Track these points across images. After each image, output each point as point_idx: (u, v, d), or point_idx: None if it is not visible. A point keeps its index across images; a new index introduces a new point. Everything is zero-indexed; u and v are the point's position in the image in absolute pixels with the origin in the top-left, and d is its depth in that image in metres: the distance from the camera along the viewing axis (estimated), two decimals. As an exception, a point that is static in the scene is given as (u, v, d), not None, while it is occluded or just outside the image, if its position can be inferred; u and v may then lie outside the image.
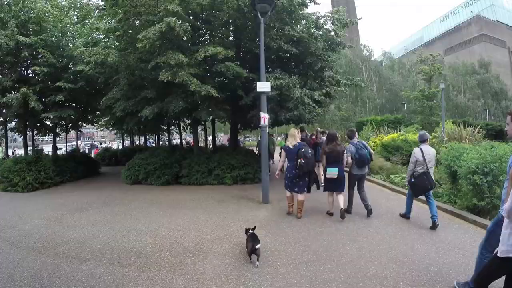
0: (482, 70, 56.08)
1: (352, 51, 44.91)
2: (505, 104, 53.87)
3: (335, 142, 7.64)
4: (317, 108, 11.71)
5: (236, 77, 11.12)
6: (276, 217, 7.87)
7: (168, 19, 9.23)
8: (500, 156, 7.10)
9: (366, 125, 23.51)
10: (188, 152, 15.01)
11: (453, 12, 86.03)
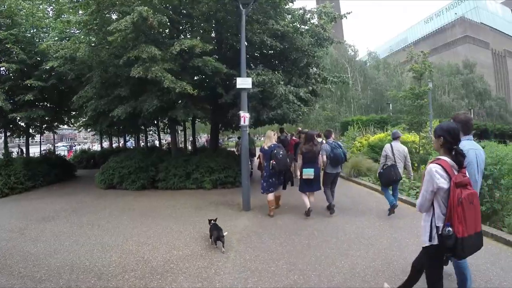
0: (466, 71, 56.55)
1: (338, 50, 44.92)
2: (489, 104, 54.85)
3: (312, 143, 7.73)
4: (303, 107, 11.04)
5: (215, 73, 10.36)
6: (257, 226, 7.13)
7: (140, 8, 8.40)
8: (501, 158, 6.66)
9: (352, 125, 23.13)
10: (166, 154, 14.15)
11: (437, 14, 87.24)
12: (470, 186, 2.99)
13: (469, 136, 3.94)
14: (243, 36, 8.68)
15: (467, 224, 2.84)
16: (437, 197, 3.05)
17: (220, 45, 12.14)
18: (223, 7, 10.24)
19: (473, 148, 3.84)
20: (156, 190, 11.85)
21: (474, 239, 2.92)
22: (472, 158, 3.74)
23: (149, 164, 12.48)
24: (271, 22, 10.70)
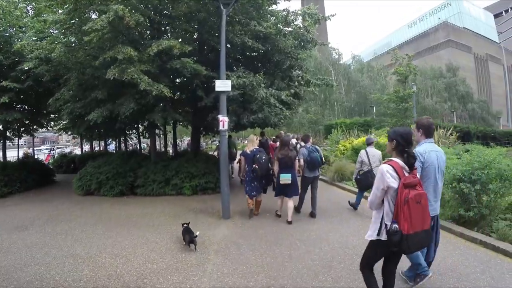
0: (449, 74, 57.27)
1: (322, 53, 44.90)
2: (471, 107, 55.49)
3: (288, 148, 7.85)
4: (285, 110, 10.78)
5: (195, 76, 9.98)
6: (237, 236, 6.80)
7: (116, 6, 7.98)
8: (489, 162, 6.47)
9: (335, 128, 23.05)
10: (145, 159, 13.69)
11: (421, 18, 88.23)
12: (420, 187, 3.19)
13: (431, 139, 4.25)
14: (223, 37, 8.40)
15: (412, 222, 3.04)
16: (387, 196, 3.24)
17: (202, 47, 11.80)
18: (204, 7, 9.92)
19: (434, 150, 4.13)
20: (135, 196, 11.44)
21: (421, 236, 3.13)
22: (433, 159, 4.06)
23: (128, 169, 12.03)
24: (253, 23, 10.44)
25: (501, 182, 6.34)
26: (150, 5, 10.18)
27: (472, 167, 6.50)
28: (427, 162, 4.02)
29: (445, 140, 18.55)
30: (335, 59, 48.12)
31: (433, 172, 4.06)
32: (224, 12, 8.32)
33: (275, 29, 10.87)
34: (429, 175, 4.04)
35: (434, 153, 4.10)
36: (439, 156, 4.14)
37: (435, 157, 4.08)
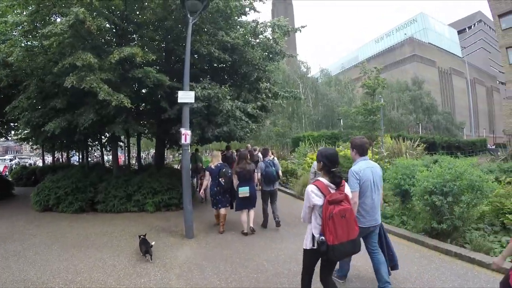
0: (414, 87, 58.89)
1: (290, 66, 45.10)
2: (436, 118, 57.25)
3: (246, 161, 8.09)
4: (251, 124, 10.47)
5: (158, 86, 9.57)
6: (200, 258, 6.39)
7: (76, 9, 7.51)
8: (460, 174, 6.46)
9: (303, 141, 23.05)
10: (107, 173, 12.99)
11: (387, 34, 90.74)
12: (346, 203, 3.50)
13: (365, 157, 4.61)
14: (188, 46, 8.10)
15: (337, 234, 3.38)
16: (314, 212, 3.61)
17: (169, 56, 11.44)
18: (170, 15, 9.61)
19: (369, 167, 4.51)
20: (95, 213, 10.81)
21: (346, 246, 3.46)
22: (368, 175, 4.43)
23: (88, 184, 11.38)
24: (220, 33, 10.17)
25: (473, 193, 6.33)
26: (117, 10, 9.80)
27: (443, 179, 6.48)
28: (363, 178, 4.38)
29: (413, 151, 18.73)
30: (303, 72, 48.46)
31: (369, 187, 4.45)
32: (190, 20, 8.00)
33: (243, 40, 10.62)
34: (366, 190, 4.42)
35: (369, 169, 4.47)
36: (374, 172, 4.53)
37: (370, 173, 4.46)
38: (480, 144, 48.34)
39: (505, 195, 7.15)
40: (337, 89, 51.44)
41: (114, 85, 8.82)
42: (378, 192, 4.61)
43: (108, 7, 9.49)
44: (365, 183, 4.40)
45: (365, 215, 4.48)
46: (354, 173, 4.40)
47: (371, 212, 4.51)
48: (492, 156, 17.99)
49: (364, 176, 4.39)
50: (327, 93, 47.07)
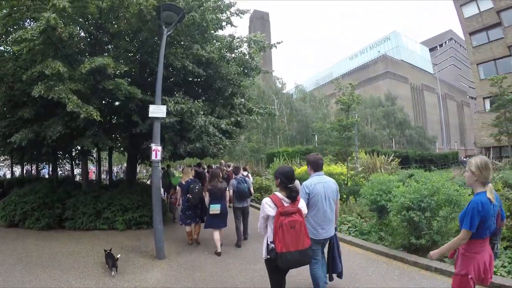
0: (387, 103, 60.45)
1: (265, 82, 45.26)
2: (409, 133, 59.17)
3: (217, 179, 8.18)
4: (224, 140, 10.27)
5: (130, 99, 9.24)
6: (171, 281, 6.08)
7: (48, 14, 7.14)
8: (437, 189, 6.51)
9: (278, 156, 23.02)
10: (76, 188, 12.37)
11: (361, 51, 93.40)
12: (298, 215, 3.82)
13: (319, 172, 4.94)
14: (161, 58, 7.92)
15: (286, 243, 3.68)
16: (269, 222, 3.92)
17: (143, 69, 11.13)
18: (145, 26, 9.33)
19: (321, 182, 4.80)
20: (63, 230, 10.32)
21: (294, 255, 3.72)
22: (319, 190, 4.72)
23: (56, 199, 10.88)
24: (196, 46, 9.96)
25: (451, 207, 6.35)
26: (92, 19, 9.50)
27: (420, 195, 6.49)
28: (313, 193, 4.69)
29: (387, 166, 18.88)
30: (278, 88, 48.86)
31: (320, 201, 4.70)
32: (165, 32, 7.85)
33: (218, 54, 10.47)
34: (317, 203, 4.69)
35: (321, 184, 4.77)
36: (326, 187, 4.79)
37: (321, 187, 4.74)
38: (452, 156, 49.94)
39: None
40: (312, 105, 52.11)
41: (84, 97, 8.46)
42: (331, 206, 4.82)
43: (84, 15, 9.17)
44: (315, 197, 4.69)
45: (317, 228, 4.71)
46: (305, 187, 4.77)
47: (323, 225, 4.73)
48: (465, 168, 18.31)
49: (314, 190, 4.70)
50: (302, 109, 47.44)
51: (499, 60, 29.49)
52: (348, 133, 12.76)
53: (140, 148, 10.61)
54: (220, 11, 10.61)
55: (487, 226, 3.19)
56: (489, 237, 3.30)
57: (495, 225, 3.30)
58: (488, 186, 3.24)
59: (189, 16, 9.03)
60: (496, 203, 3.27)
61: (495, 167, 15.45)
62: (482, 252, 3.26)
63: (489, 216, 3.16)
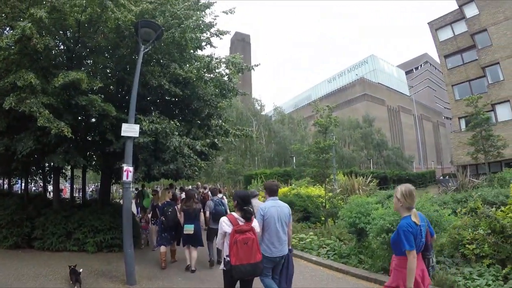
0: (365, 125, 61.24)
1: (244, 104, 45.27)
2: (386, 154, 59.96)
3: (193, 200, 8.55)
4: (200, 162, 10.07)
5: (104, 117, 9.00)
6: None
7: (23, 23, 6.98)
8: (417, 210, 6.37)
9: (255, 178, 22.91)
10: (47, 206, 11.84)
11: (340, 74, 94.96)
12: (251, 233, 4.46)
13: (274, 197, 5.47)
14: (137, 75, 7.87)
15: (239, 257, 4.28)
16: (226, 238, 4.53)
17: (121, 86, 10.90)
18: (123, 42, 9.23)
19: (275, 206, 5.32)
20: (32, 250, 9.95)
21: (246, 267, 4.30)
22: (272, 213, 5.23)
23: (25, 217, 10.50)
24: (173, 65, 9.82)
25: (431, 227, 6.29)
26: (71, 32, 9.33)
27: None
28: (267, 215, 5.18)
29: (366, 187, 18.97)
30: (257, 110, 48.81)
31: (273, 223, 5.19)
32: (142, 49, 7.84)
33: (196, 74, 10.43)
34: (270, 225, 5.17)
35: (275, 208, 5.28)
36: (279, 211, 5.30)
37: (275, 211, 5.24)
38: (429, 175, 50.92)
39: (462, 226, 7.20)
40: (290, 127, 52.23)
41: (56, 111, 8.21)
42: (283, 228, 5.29)
43: (63, 27, 9.00)
44: (269, 219, 5.17)
45: (270, 247, 5.14)
46: (260, 209, 5.29)
47: (276, 244, 5.17)
48: (444, 187, 18.52)
49: (268, 213, 5.20)
50: (280, 131, 47.43)
51: (473, 81, 30.66)
52: (325, 155, 12.77)
53: (114, 168, 10.37)
54: (200, 30, 10.57)
55: (416, 244, 3.58)
56: (420, 253, 3.72)
57: (423, 242, 3.74)
58: (412, 211, 3.74)
59: (168, 34, 9.00)
60: (423, 223, 3.79)
61: (473, 185, 15.75)
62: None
63: (416, 235, 3.61)
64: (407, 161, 64.21)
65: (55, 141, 8.64)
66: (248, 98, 45.35)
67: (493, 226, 6.63)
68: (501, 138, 18.88)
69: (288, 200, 13.99)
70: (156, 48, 9.32)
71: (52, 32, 8.56)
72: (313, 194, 14.91)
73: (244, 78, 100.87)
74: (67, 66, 9.55)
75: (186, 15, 9.37)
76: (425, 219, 3.96)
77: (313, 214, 13.55)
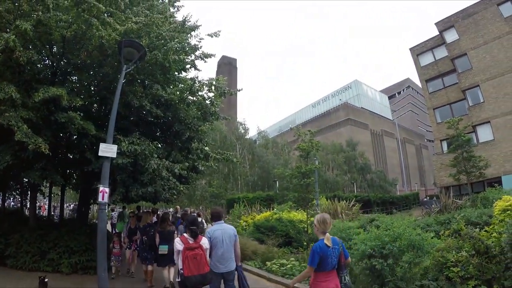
0: (348, 149, 62.04)
1: (228, 127, 45.25)
2: (370, 177, 60.76)
3: (167, 223, 9.04)
4: (179, 185, 9.87)
5: (83, 135, 8.81)
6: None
7: (7, 35, 6.88)
8: (399, 235, 6.50)
9: (238, 202, 22.69)
10: (23, 223, 11.54)
11: (324, 99, 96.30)
12: (199, 249, 5.40)
13: (220, 221, 6.31)
14: (118, 95, 7.78)
15: (190, 269, 5.17)
16: (180, 255, 5.39)
17: (105, 104, 10.69)
18: (106, 60, 9.14)
19: (219, 229, 6.11)
20: (4, 268, 9.59)
21: (197, 277, 5.18)
22: (217, 235, 6.00)
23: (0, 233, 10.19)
24: (156, 87, 9.75)
25: (414, 252, 6.33)
26: (56, 46, 9.21)
27: (382, 241, 6.47)
28: (213, 237, 5.96)
29: (349, 211, 18.87)
30: (241, 134, 48.71)
31: (219, 243, 5.94)
32: (124, 69, 7.78)
33: (178, 96, 10.29)
34: (216, 245, 5.92)
35: (220, 231, 6.06)
36: (224, 232, 6.08)
37: (220, 233, 6.02)
38: (413, 197, 51.44)
39: (446, 248, 7.06)
40: (274, 151, 52.60)
41: (36, 127, 8.01)
42: (228, 247, 6.04)
43: (49, 41, 8.82)
44: (215, 240, 5.94)
45: (217, 264, 5.89)
46: (207, 232, 6.18)
47: (222, 261, 5.91)
48: (427, 209, 18.53)
49: (214, 235, 5.98)
50: (264, 155, 47.46)
51: (454, 104, 31.39)
52: (307, 179, 12.66)
53: (92, 188, 10.07)
54: (184, 53, 10.58)
55: (328, 262, 4.43)
56: (335, 271, 4.56)
57: (336, 262, 4.54)
58: (326, 235, 4.51)
59: (152, 55, 8.95)
60: (336, 246, 4.59)
61: (456, 206, 15.76)
62: (327, 281, 4.42)
63: (327, 255, 4.41)
64: (391, 184, 64.76)
65: (33, 157, 8.37)
66: (233, 122, 45.44)
67: (477, 247, 6.55)
68: (482, 159, 19.17)
69: (270, 225, 13.85)
70: (139, 68, 9.29)
71: (37, 46, 8.46)
72: (296, 219, 14.75)
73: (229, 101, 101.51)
74: (50, 81, 9.38)
75: (171, 36, 9.40)
76: (339, 242, 4.74)
77: (295, 239, 13.37)
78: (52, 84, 8.66)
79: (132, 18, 8.67)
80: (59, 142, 9.66)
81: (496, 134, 27.18)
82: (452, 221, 9.29)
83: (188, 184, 12.19)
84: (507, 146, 26.15)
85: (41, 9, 7.72)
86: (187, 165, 10.36)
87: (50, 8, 7.64)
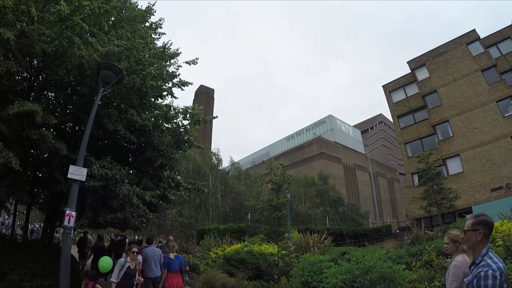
0: (320, 182, 62.52)
1: (202, 157, 45.06)
2: (342, 210, 60.66)
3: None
4: (148, 213, 9.70)
5: (54, 154, 8.52)
6: None
7: None
8: (370, 267, 6.54)
9: (208, 233, 22.23)
10: None
11: (298, 133, 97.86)
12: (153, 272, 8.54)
13: (151, 245, 8.82)
14: (92, 117, 7.72)
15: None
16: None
17: (79, 125, 10.50)
18: (84, 80, 9.04)
19: (150, 250, 8.59)
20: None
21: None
22: (148, 254, 8.34)
23: (-43, 251, 9.38)
24: (131, 111, 9.64)
25: (385, 284, 6.31)
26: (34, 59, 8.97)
27: (353, 275, 6.49)
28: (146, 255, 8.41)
29: (321, 244, 18.68)
30: (214, 164, 48.28)
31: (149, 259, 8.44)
32: (100, 91, 7.76)
33: (153, 122, 10.16)
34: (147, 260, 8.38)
35: (150, 251, 8.47)
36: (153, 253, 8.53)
37: (150, 253, 8.36)
38: (386, 229, 51.53)
39: (418, 279, 7.01)
40: (247, 183, 52.62)
41: (6, 141, 7.71)
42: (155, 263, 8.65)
43: (30, 54, 8.57)
44: (145, 257, 8.45)
45: (148, 272, 8.45)
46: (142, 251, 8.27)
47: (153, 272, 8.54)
48: (399, 241, 18.55)
49: (145, 254, 8.46)
50: (236, 186, 47.27)
51: (425, 139, 32.45)
52: (278, 213, 12.48)
53: (59, 209, 9.77)
54: (162, 79, 10.49)
55: (172, 267, 7.89)
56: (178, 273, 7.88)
57: (179, 267, 8.14)
58: (170, 254, 7.62)
59: (130, 79, 8.94)
60: (178, 260, 8.39)
61: (427, 237, 15.83)
62: (174, 278, 7.97)
63: (172, 264, 8.13)
64: (363, 216, 65.19)
65: (1, 172, 7.97)
66: (206, 151, 45.28)
67: (449, 278, 6.49)
68: (452, 191, 19.52)
69: (240, 257, 13.54)
70: (116, 92, 9.24)
71: (17, 57, 8.22)
72: (267, 252, 14.46)
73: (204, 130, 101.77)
74: (27, 95, 9.22)
75: (150, 62, 9.45)
76: (180, 257, 8.70)
77: (265, 272, 13.03)
78: (28, 98, 8.57)
79: (114, 40, 8.70)
80: (28, 159, 9.35)
81: (466, 167, 28.04)
82: (424, 252, 9.28)
83: (158, 212, 11.91)
84: (476, 177, 26.97)
85: (25, 20, 7.60)
86: (157, 193, 10.24)
87: (35, 20, 7.51)
